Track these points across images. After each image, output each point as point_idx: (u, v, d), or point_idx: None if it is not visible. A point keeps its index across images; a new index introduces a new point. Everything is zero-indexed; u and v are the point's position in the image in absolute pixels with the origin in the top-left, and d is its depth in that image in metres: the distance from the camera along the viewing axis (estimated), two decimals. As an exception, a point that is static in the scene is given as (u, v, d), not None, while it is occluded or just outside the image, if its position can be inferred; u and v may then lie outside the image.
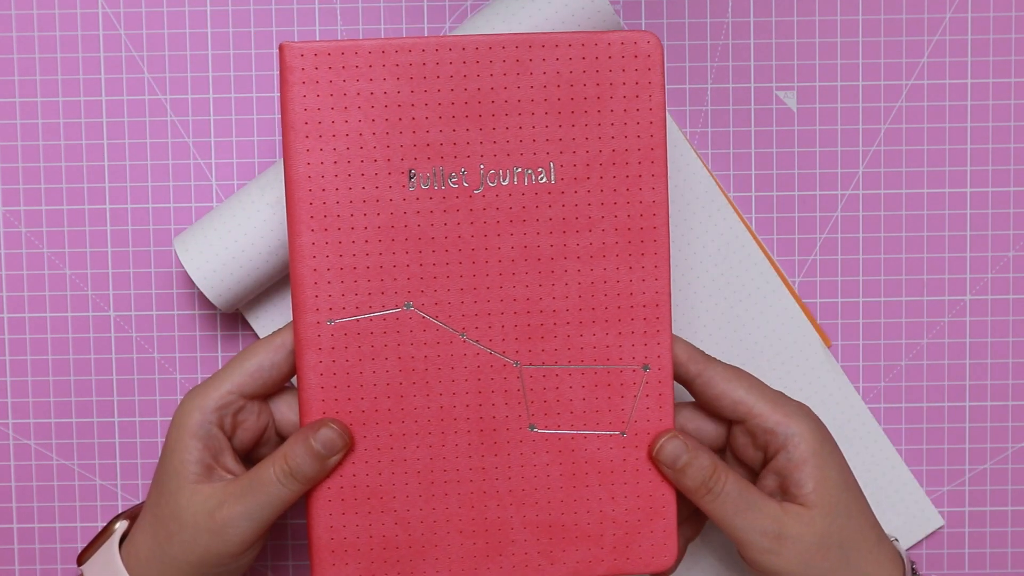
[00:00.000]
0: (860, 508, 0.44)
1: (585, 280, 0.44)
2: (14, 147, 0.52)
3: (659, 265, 0.45)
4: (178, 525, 0.43)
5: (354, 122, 0.43)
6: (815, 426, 0.44)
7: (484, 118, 0.44)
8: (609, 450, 0.45)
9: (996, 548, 0.54)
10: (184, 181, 0.53)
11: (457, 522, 0.45)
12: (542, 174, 0.44)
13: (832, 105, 0.53)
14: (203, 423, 0.44)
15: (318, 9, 0.52)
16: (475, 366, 0.44)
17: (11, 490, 0.53)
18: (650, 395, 0.45)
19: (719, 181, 0.53)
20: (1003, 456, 0.54)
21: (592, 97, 0.44)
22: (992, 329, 0.53)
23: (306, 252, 0.43)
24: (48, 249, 0.53)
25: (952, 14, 0.52)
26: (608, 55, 0.44)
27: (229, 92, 0.52)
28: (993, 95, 0.53)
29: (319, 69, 0.43)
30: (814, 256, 0.53)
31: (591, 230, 0.44)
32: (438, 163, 0.44)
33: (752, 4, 0.52)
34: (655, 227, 0.45)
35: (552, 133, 0.44)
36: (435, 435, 0.44)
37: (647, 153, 0.44)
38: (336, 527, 0.44)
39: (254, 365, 0.44)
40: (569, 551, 0.45)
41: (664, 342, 0.45)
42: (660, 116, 0.44)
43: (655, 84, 0.44)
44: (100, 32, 0.52)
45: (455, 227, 0.44)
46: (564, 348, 0.45)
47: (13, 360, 0.53)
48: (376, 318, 0.44)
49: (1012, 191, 0.53)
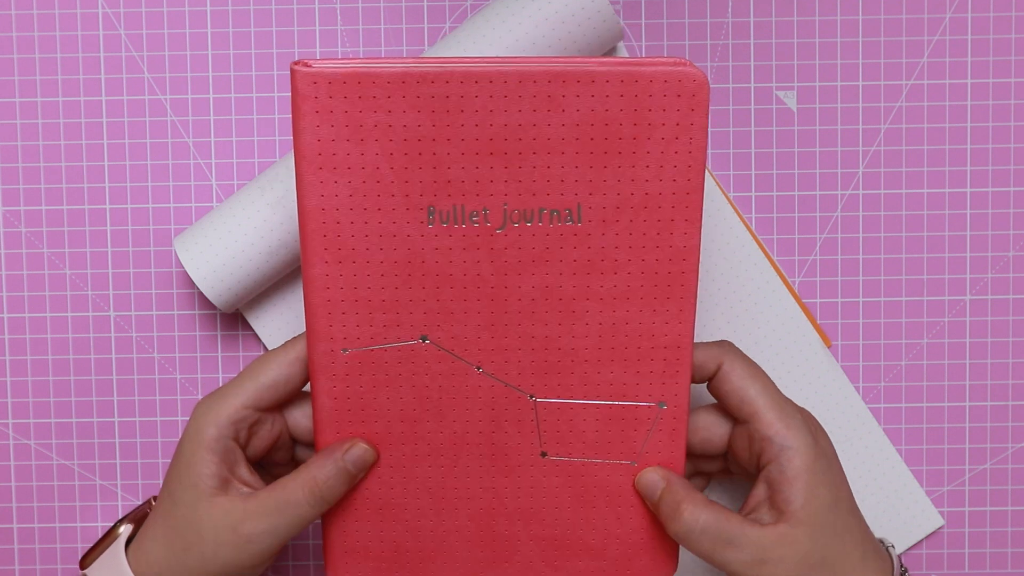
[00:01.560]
0: (847, 526, 0.44)
1: (606, 321, 0.43)
2: (14, 147, 0.52)
3: (684, 309, 0.43)
4: (197, 537, 0.43)
5: (371, 155, 0.41)
6: (812, 441, 0.44)
7: (510, 155, 0.41)
8: (619, 476, 0.44)
9: (996, 548, 0.54)
10: (184, 181, 0.53)
11: (465, 532, 0.45)
12: (568, 216, 0.41)
13: (832, 105, 0.53)
14: (218, 437, 0.44)
15: (318, 9, 0.52)
16: (489, 397, 0.43)
17: (11, 490, 0.53)
18: (663, 430, 0.44)
19: (719, 181, 0.53)
20: (1003, 456, 0.54)
21: (628, 137, 0.41)
22: (992, 329, 0.53)
23: (319, 283, 0.42)
24: (48, 249, 0.53)
25: (952, 14, 0.52)
26: (649, 93, 0.40)
27: (229, 92, 0.52)
28: (993, 95, 0.53)
29: (333, 98, 0.40)
30: (814, 256, 0.53)
31: (616, 272, 0.42)
32: (459, 200, 0.41)
33: (752, 4, 0.52)
34: (683, 272, 0.42)
35: (582, 173, 0.41)
36: (447, 456, 0.44)
37: (682, 198, 0.41)
38: (349, 532, 0.45)
39: (269, 380, 0.44)
40: (572, 561, 0.45)
41: (682, 382, 0.44)
42: (700, 159, 0.41)
43: (697, 126, 0.41)
44: (100, 32, 0.52)
45: (475, 265, 0.42)
46: (580, 384, 0.43)
47: (13, 360, 0.53)
48: (391, 349, 0.43)
49: (1012, 191, 0.53)
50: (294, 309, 0.52)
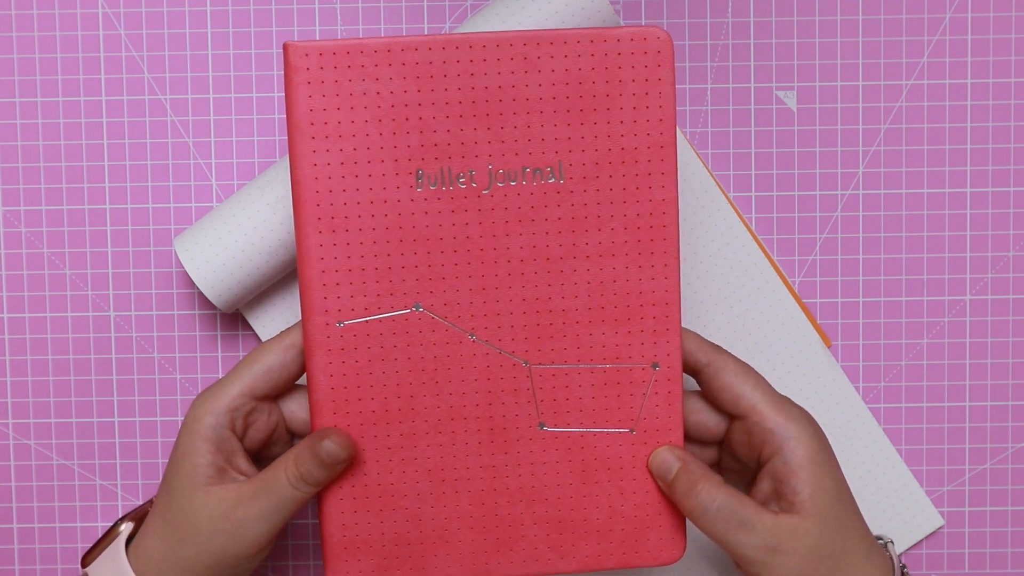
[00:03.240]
0: (852, 519, 0.44)
1: (594, 279, 0.44)
2: (14, 147, 0.52)
3: (668, 264, 0.44)
4: (192, 528, 0.43)
5: (360, 122, 0.43)
6: (814, 433, 0.44)
7: (492, 117, 0.43)
8: (619, 447, 0.45)
9: (996, 548, 0.54)
10: (184, 181, 0.53)
11: (468, 519, 0.45)
12: (551, 173, 0.44)
13: (832, 105, 0.53)
14: (215, 426, 0.44)
15: (318, 9, 0.52)
16: (484, 366, 0.44)
17: (11, 490, 0.53)
18: (659, 393, 0.45)
19: (719, 181, 0.53)
20: (1003, 456, 0.54)
21: (601, 95, 0.43)
22: (992, 329, 0.53)
23: (314, 254, 0.43)
24: (48, 249, 0.53)
25: (952, 14, 0.52)
26: (617, 51, 0.43)
27: (229, 92, 0.52)
28: (993, 95, 0.53)
29: (324, 69, 0.43)
30: (814, 256, 0.53)
31: (600, 229, 0.44)
32: (446, 163, 0.43)
33: (752, 4, 0.52)
34: (664, 225, 0.44)
35: (561, 132, 0.43)
36: (445, 434, 0.44)
37: (656, 151, 0.44)
38: (348, 524, 0.45)
39: (264, 367, 0.44)
40: (578, 545, 0.45)
41: (673, 341, 0.45)
42: (670, 114, 0.44)
43: (665, 81, 0.44)
44: (100, 32, 0.52)
45: (463, 227, 0.44)
46: (573, 347, 0.44)
47: (13, 360, 0.53)
48: (385, 319, 0.44)
49: (1012, 191, 0.53)
50: (294, 309, 0.52)
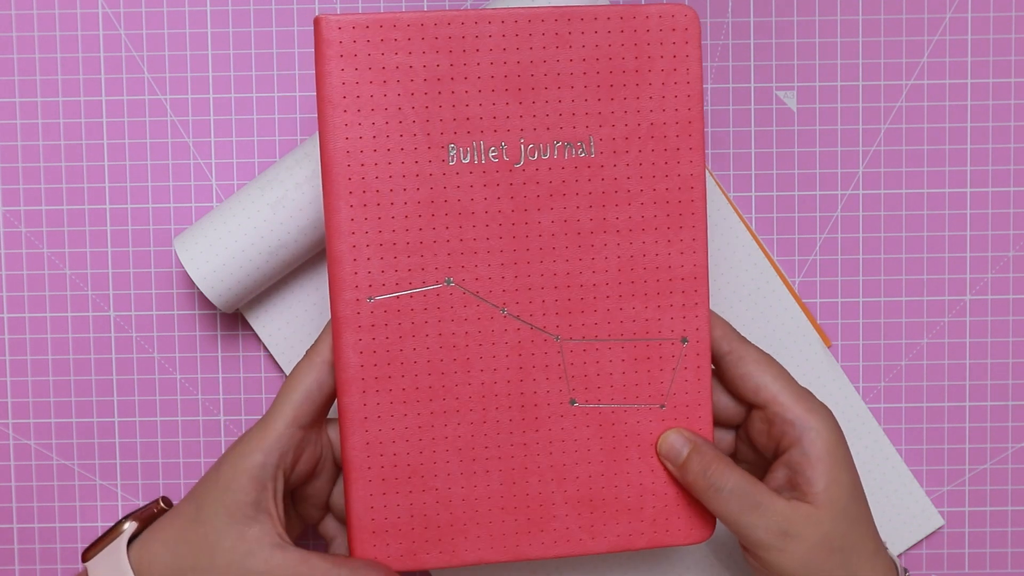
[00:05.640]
0: (864, 515, 0.44)
1: (624, 253, 0.44)
2: (14, 147, 0.52)
3: (696, 238, 0.45)
4: (209, 561, 0.43)
5: (393, 96, 0.43)
6: (834, 427, 0.44)
7: (524, 91, 0.43)
8: (649, 423, 0.45)
9: (996, 548, 0.54)
10: (184, 181, 0.53)
11: (498, 499, 0.45)
12: (581, 148, 0.44)
13: (832, 105, 0.53)
14: (263, 465, 0.43)
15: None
16: (516, 341, 0.44)
17: (11, 490, 0.53)
18: (688, 367, 0.45)
19: (719, 181, 0.53)
20: (1003, 456, 0.54)
21: (631, 70, 0.44)
22: (992, 329, 0.53)
23: (344, 228, 0.43)
24: (48, 249, 0.53)
25: (952, 14, 0.52)
26: (647, 28, 0.44)
27: (229, 92, 0.52)
28: (993, 95, 0.53)
29: (357, 42, 0.43)
30: (814, 256, 0.53)
31: (630, 203, 0.44)
32: (478, 137, 0.43)
33: (752, 4, 0.52)
34: (693, 200, 0.45)
35: (591, 107, 0.44)
36: (476, 411, 0.44)
37: (685, 126, 0.44)
38: (376, 507, 0.44)
39: (301, 393, 0.44)
40: (609, 525, 0.45)
41: (702, 315, 0.45)
42: (697, 89, 0.44)
43: (692, 58, 0.44)
44: (100, 32, 0.52)
45: (495, 201, 0.44)
46: (604, 322, 0.45)
47: (13, 360, 0.53)
48: (416, 295, 0.44)
49: (1012, 191, 0.53)
50: (294, 309, 0.52)
